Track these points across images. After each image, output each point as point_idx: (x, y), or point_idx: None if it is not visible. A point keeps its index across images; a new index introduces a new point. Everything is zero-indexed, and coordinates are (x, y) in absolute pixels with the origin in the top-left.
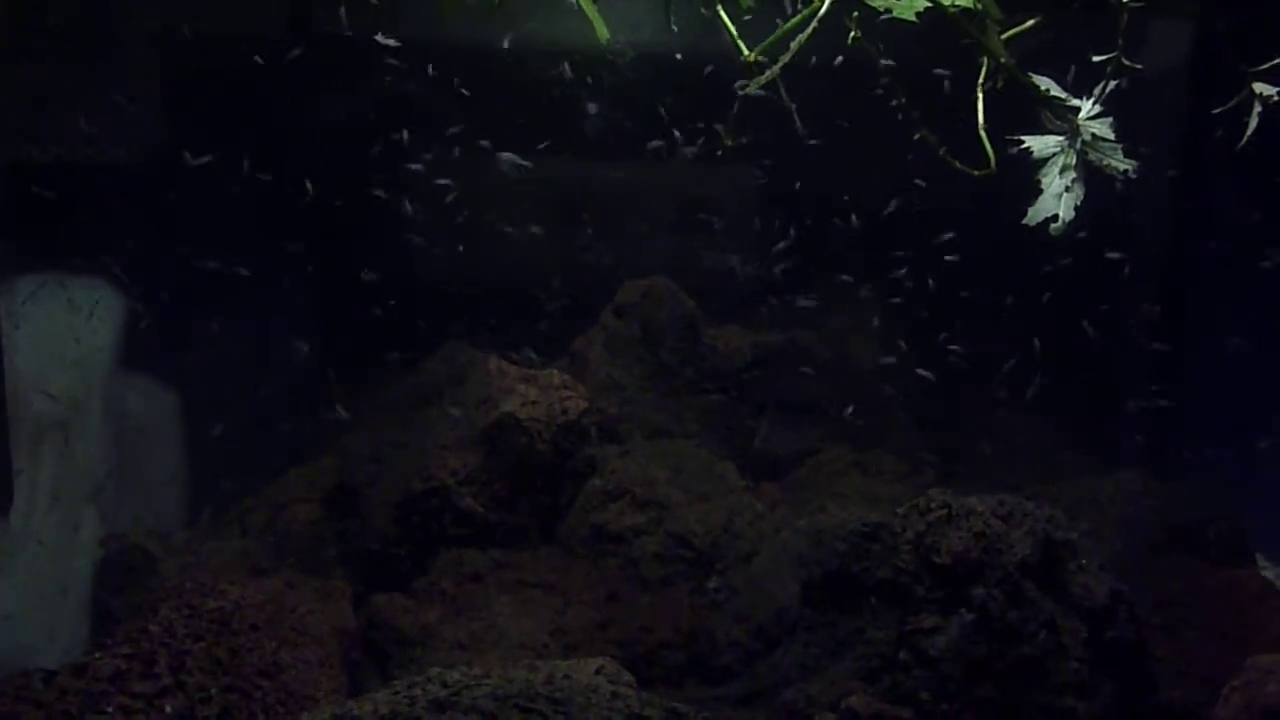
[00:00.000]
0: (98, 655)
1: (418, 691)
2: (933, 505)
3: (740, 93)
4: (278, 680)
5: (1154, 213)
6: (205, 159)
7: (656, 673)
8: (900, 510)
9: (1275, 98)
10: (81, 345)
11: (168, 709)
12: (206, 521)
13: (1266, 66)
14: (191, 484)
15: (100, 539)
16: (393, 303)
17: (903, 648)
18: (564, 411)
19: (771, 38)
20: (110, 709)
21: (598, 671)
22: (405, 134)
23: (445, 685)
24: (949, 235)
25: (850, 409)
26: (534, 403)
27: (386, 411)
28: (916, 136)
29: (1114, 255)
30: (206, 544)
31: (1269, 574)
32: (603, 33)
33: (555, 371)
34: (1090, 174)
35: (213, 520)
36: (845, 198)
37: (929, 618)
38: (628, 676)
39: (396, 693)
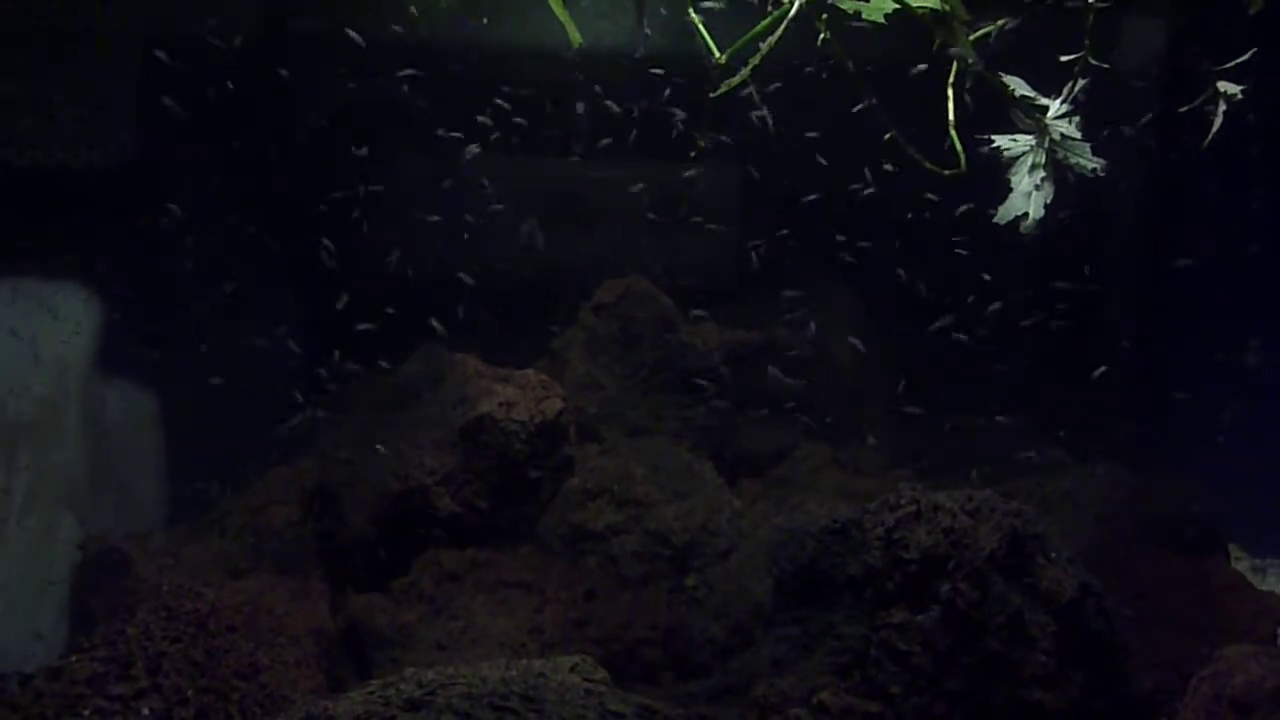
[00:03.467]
0: (74, 658)
1: (392, 691)
2: (902, 501)
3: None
4: (255, 681)
5: (1130, 209)
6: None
7: (635, 670)
8: (870, 506)
9: (1240, 96)
10: (59, 348)
11: (145, 711)
12: (185, 523)
13: (1231, 64)
14: (169, 486)
15: (78, 541)
16: (372, 303)
17: (873, 642)
18: (542, 411)
19: (742, 39)
20: (87, 712)
21: (572, 669)
22: (385, 135)
23: (420, 685)
24: (924, 228)
25: (830, 407)
26: (512, 403)
27: (365, 412)
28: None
29: (1090, 251)
30: (184, 546)
31: (1242, 565)
32: (575, 37)
33: (533, 371)
34: (1066, 173)
35: (191, 522)
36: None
37: (898, 612)
38: (602, 674)
39: (371, 693)
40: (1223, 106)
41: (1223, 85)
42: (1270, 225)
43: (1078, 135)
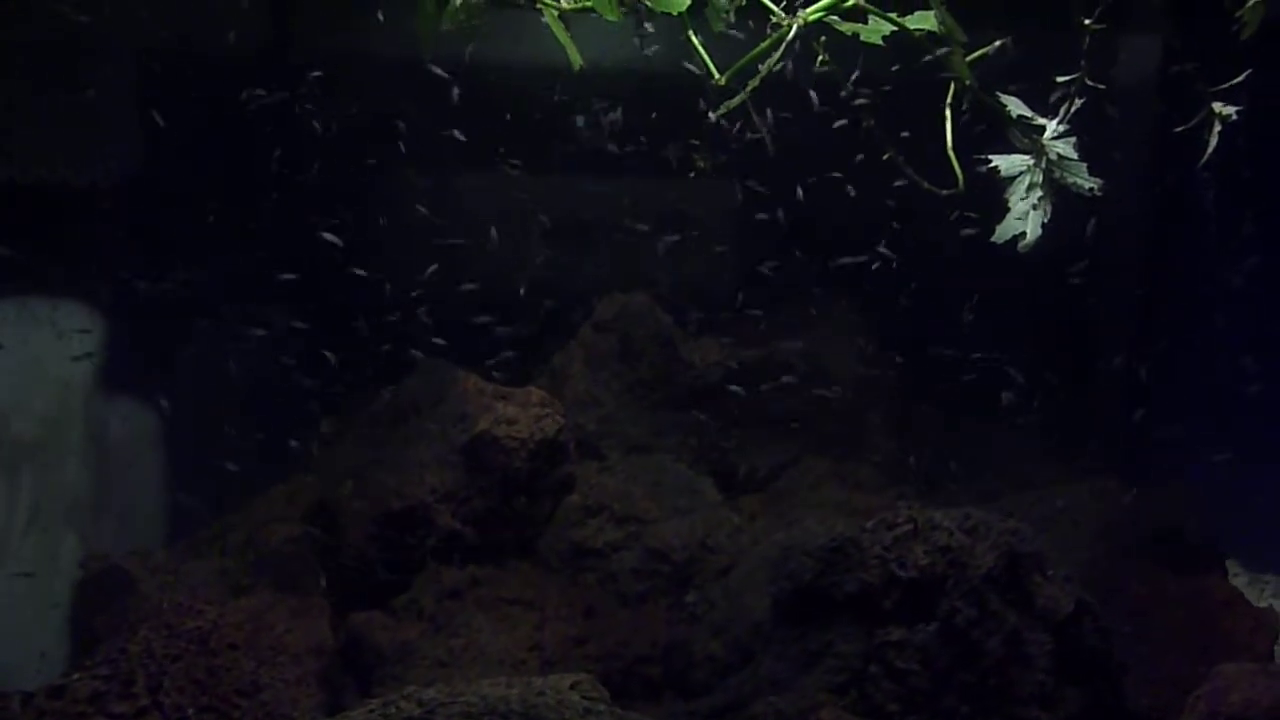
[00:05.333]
0: (76, 676)
1: (393, 710)
2: (899, 520)
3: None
4: (256, 699)
5: (1126, 223)
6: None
7: (634, 688)
8: (868, 525)
9: (1234, 117)
10: (62, 367)
11: None
12: (186, 541)
13: (1226, 85)
14: (171, 504)
15: (79, 559)
16: (374, 322)
17: (871, 660)
18: (542, 428)
19: (741, 61)
20: None
21: (572, 687)
22: (389, 152)
23: (421, 703)
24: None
25: (829, 423)
26: (512, 420)
27: (365, 429)
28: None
29: (1086, 266)
30: (185, 563)
31: (1240, 581)
32: (576, 59)
33: (533, 388)
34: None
35: (192, 540)
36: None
37: (896, 631)
38: (602, 692)
39: (372, 711)
40: (1217, 127)
41: (1218, 106)
42: (1268, 239)
43: (1074, 155)
